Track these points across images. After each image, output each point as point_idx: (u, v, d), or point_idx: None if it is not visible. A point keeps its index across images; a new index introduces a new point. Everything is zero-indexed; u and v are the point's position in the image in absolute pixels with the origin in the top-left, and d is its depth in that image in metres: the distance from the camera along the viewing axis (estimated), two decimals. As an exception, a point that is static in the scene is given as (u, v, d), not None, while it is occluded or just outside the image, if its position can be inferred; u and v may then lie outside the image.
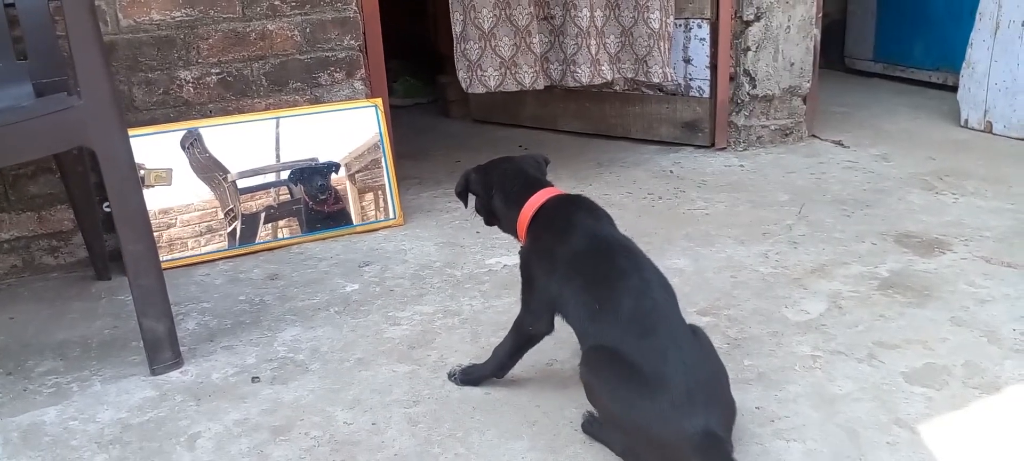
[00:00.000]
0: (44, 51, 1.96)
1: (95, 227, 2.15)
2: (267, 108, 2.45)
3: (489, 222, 1.62)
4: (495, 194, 1.56)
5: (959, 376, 1.56)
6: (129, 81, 2.29)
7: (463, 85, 2.87)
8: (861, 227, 2.33)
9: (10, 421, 1.55)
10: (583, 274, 1.39)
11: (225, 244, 2.31)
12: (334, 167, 2.44)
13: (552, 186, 1.55)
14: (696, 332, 1.37)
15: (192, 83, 2.36)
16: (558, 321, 1.47)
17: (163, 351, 1.70)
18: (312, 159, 2.42)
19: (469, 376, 1.60)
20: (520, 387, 1.58)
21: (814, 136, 3.27)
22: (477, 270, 2.16)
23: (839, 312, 1.84)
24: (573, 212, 1.49)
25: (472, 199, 1.62)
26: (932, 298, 1.88)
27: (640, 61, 3.02)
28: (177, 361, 1.72)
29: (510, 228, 1.56)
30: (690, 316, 1.82)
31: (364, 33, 2.54)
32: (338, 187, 2.44)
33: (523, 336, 1.52)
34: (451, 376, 1.62)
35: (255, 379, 1.66)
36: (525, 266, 1.50)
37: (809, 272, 2.05)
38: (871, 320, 1.79)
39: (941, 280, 1.97)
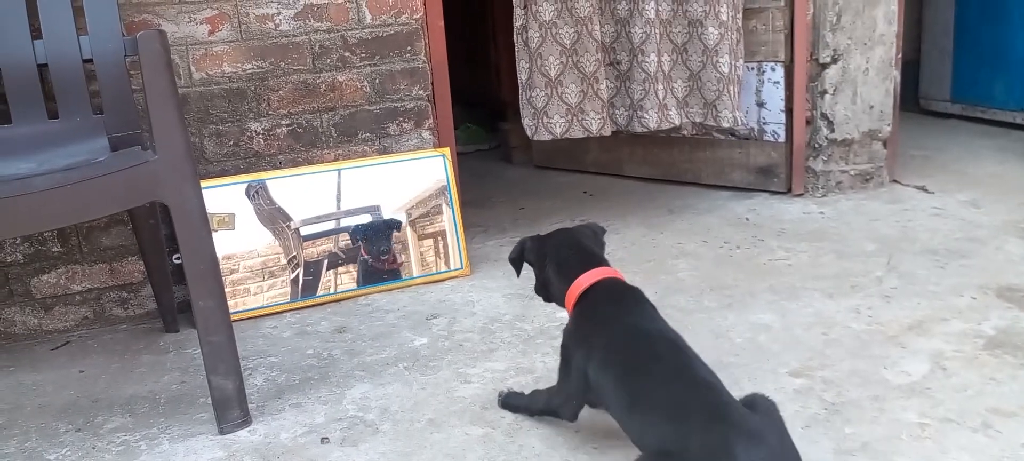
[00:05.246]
0: (120, 105, 1.96)
1: (164, 279, 2.14)
2: (336, 159, 2.43)
3: (546, 297, 1.60)
4: (549, 264, 1.55)
5: (1091, 450, 1.41)
6: (201, 133, 2.30)
7: (528, 133, 2.82)
8: (957, 280, 2.18)
9: (79, 481, 1.52)
10: (620, 364, 1.34)
11: (288, 291, 2.28)
12: (396, 225, 2.40)
13: (607, 266, 1.52)
14: (763, 407, 1.26)
15: (262, 135, 2.36)
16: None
17: (232, 410, 1.65)
18: (375, 206, 2.38)
19: (508, 403, 1.66)
20: (604, 451, 1.48)
21: (895, 181, 3.12)
22: (548, 324, 2.08)
23: (944, 374, 1.70)
24: (618, 300, 1.45)
25: (529, 273, 1.62)
26: (1048, 360, 1.73)
27: (709, 105, 2.93)
28: (245, 419, 1.67)
29: (559, 300, 1.55)
30: (781, 377, 1.72)
31: (432, 83, 2.52)
32: (398, 244, 2.40)
33: (552, 408, 1.53)
34: (500, 395, 1.68)
35: (324, 440, 1.61)
36: (565, 346, 1.47)
37: (906, 329, 1.91)
38: (981, 384, 1.65)
39: (1055, 339, 1.82)
